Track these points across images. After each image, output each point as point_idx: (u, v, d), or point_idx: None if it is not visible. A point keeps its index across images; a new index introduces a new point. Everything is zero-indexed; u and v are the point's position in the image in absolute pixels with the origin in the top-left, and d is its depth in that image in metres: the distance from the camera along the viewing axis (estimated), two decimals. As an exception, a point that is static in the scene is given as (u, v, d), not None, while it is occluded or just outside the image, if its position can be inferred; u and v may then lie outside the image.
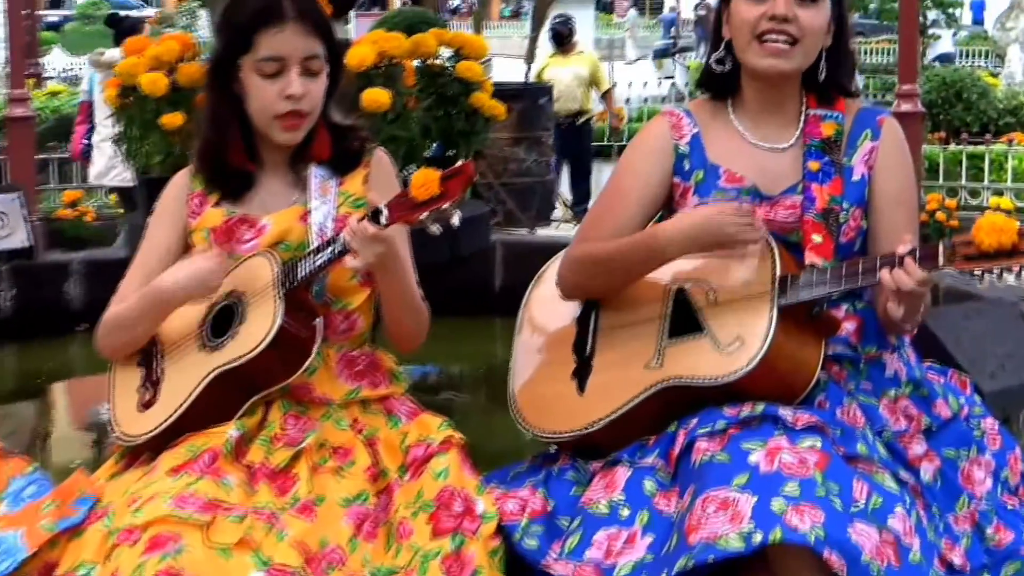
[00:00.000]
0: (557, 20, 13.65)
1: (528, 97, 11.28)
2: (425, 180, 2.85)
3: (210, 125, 3.26)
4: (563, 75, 12.91)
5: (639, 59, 33.34)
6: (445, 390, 6.26)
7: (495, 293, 7.40)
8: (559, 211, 11.64)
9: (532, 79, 13.44)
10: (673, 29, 36.38)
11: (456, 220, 2.85)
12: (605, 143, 15.38)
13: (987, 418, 3.15)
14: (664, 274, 3.07)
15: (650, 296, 3.09)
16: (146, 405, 3.12)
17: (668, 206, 3.21)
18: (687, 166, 3.17)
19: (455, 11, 41.95)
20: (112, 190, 10.70)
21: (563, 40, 13.38)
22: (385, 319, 3.20)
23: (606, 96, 13.99)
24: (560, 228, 10.54)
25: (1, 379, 7.11)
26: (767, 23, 3.05)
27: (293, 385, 3.06)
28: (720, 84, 3.21)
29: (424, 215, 2.85)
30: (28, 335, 7.37)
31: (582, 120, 13.18)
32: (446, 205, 2.84)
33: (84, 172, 11.35)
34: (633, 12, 32.19)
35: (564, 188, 13.02)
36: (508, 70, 14.65)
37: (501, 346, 7.27)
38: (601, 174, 13.80)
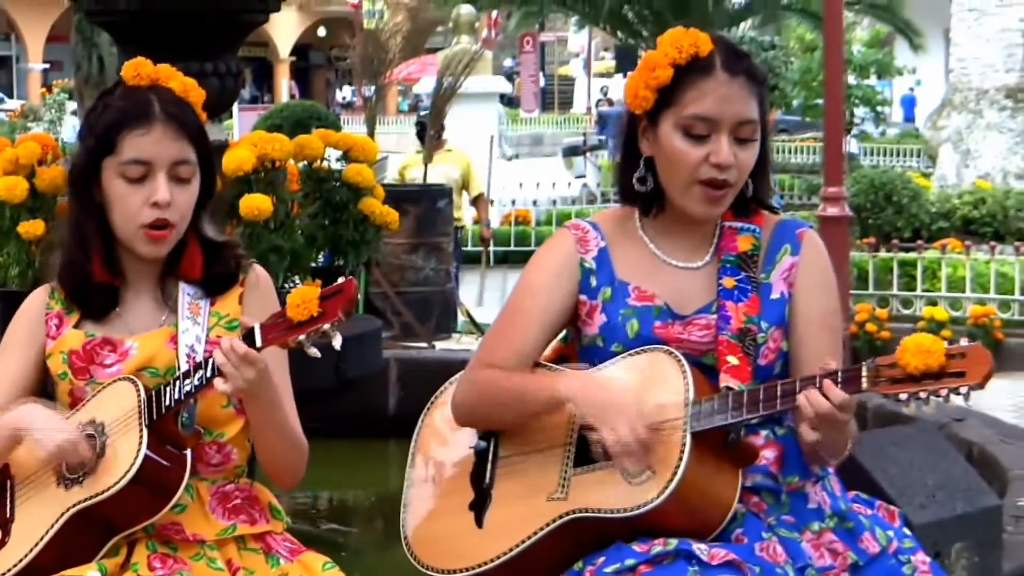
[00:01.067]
0: (423, 114, 13.44)
1: (426, 200, 11.35)
2: (302, 299, 2.85)
3: (72, 236, 3.23)
4: (432, 174, 12.52)
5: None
6: (333, 521, 6.22)
7: (389, 415, 7.38)
8: (461, 322, 11.64)
9: (393, 178, 13.31)
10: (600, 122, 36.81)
11: (337, 342, 2.84)
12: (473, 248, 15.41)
13: (917, 552, 3.15)
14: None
15: (554, 422, 3.09)
16: (-5, 547, 3.07)
17: (573, 324, 3.23)
18: (594, 283, 3.17)
19: (348, 105, 42.18)
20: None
21: (424, 138, 12.86)
22: (258, 452, 3.19)
23: (477, 202, 13.51)
24: (462, 341, 10.56)
25: None
26: (710, 171, 3.05)
27: (160, 523, 3.03)
28: (642, 201, 3.20)
29: (302, 336, 2.85)
30: None
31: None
32: (326, 326, 2.83)
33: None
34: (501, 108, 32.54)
35: (465, 297, 13.02)
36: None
37: (396, 473, 7.26)
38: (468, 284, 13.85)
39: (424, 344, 9.27)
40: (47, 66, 56.41)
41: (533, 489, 3.05)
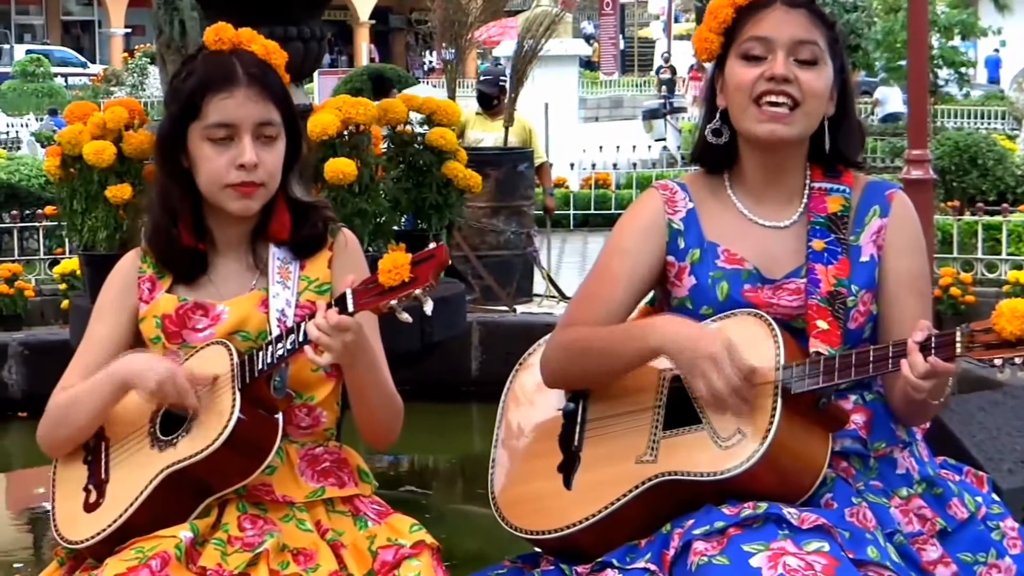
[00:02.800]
0: (482, 81, 13.21)
1: (507, 163, 11.32)
2: (394, 265, 2.84)
3: (159, 202, 3.26)
4: (486, 139, 12.41)
5: None
6: (415, 484, 6.26)
7: (471, 378, 7.41)
8: (542, 287, 11.62)
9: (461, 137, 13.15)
10: (664, 88, 36.66)
11: (428, 307, 2.84)
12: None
13: (1006, 519, 3.14)
14: (659, 361, 3.07)
15: (643, 385, 3.09)
16: (90, 507, 3.11)
17: (661, 286, 3.23)
18: (682, 244, 3.17)
19: (430, 70, 42.18)
20: (53, 263, 10.71)
21: (487, 103, 12.82)
22: (355, 414, 3.19)
23: (539, 171, 12.98)
24: (542, 305, 10.55)
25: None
26: (765, 84, 3.06)
27: (251, 485, 3.06)
28: (717, 157, 3.22)
29: (393, 302, 2.86)
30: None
31: None
32: (417, 291, 2.83)
33: (22, 244, 11.36)
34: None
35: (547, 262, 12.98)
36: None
37: (478, 436, 7.30)
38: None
39: (505, 308, 9.28)
40: (129, 31, 56.84)
41: (622, 451, 3.05)
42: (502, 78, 13.18)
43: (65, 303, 8.98)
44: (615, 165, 21.40)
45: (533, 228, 11.77)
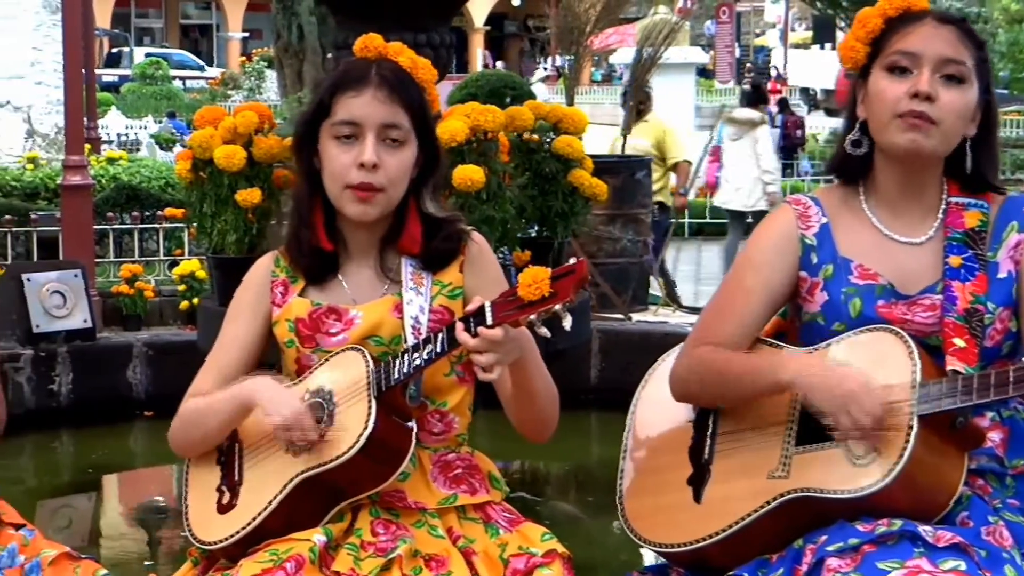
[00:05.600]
0: (629, 86, 13.29)
1: (625, 171, 11.31)
2: (534, 279, 2.84)
3: (294, 203, 3.30)
4: (637, 144, 12.58)
5: None
6: (535, 492, 6.27)
7: (590, 386, 7.42)
8: (658, 294, 11.59)
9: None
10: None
11: (568, 323, 2.82)
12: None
13: None
14: None
15: (775, 400, 3.07)
16: (224, 509, 3.15)
17: (793, 301, 3.22)
18: (815, 259, 3.16)
19: (545, 77, 42.17)
20: (173, 264, 10.84)
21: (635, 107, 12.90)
22: (518, 412, 3.18)
23: (675, 169, 13.26)
24: (658, 313, 10.53)
25: (57, 470, 7.20)
26: (908, 103, 3.04)
27: (383, 491, 3.08)
28: (854, 168, 3.20)
29: (532, 316, 2.86)
30: (87, 422, 7.45)
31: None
32: (556, 307, 2.83)
33: (142, 245, 11.51)
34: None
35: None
36: (598, 139, 14.70)
37: (595, 444, 7.30)
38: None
39: (621, 315, 9.27)
40: (246, 35, 57.46)
41: (753, 466, 3.04)
42: (647, 87, 13.17)
43: (184, 304, 9.09)
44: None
45: (650, 236, 11.75)
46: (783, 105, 28.85)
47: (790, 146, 25.71)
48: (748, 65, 43.79)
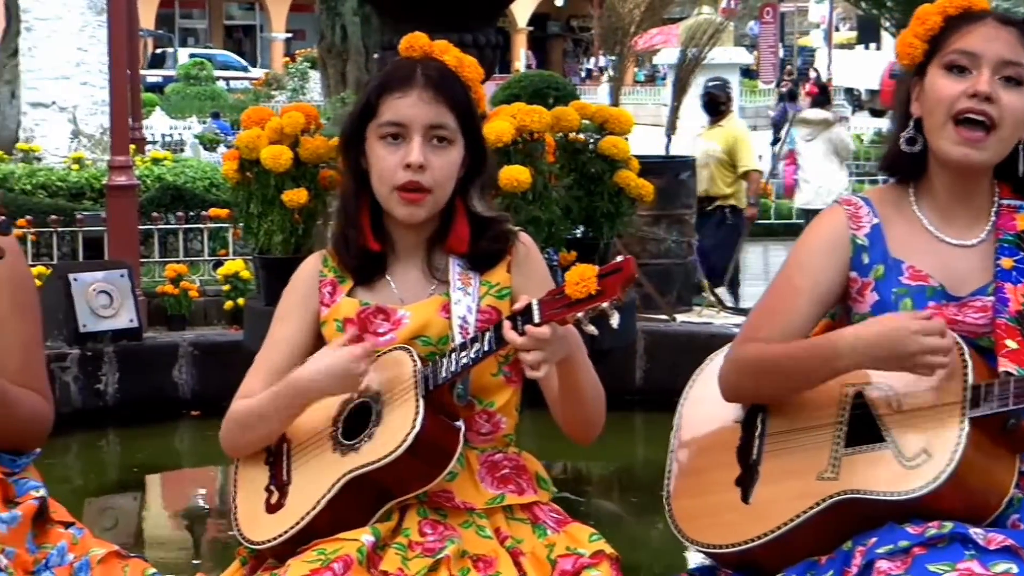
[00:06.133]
0: (710, 83, 13.04)
1: (669, 172, 11.28)
2: (581, 277, 2.84)
3: (341, 204, 3.31)
4: (698, 149, 12.39)
5: None
6: (571, 490, 6.26)
7: (636, 387, 7.42)
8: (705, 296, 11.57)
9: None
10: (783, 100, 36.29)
11: (615, 321, 2.82)
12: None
13: None
14: (841, 376, 3.05)
15: (824, 400, 3.07)
16: (272, 508, 3.15)
17: (843, 302, 3.21)
18: (866, 260, 3.15)
19: (588, 75, 42.17)
20: (217, 264, 10.88)
21: (712, 108, 12.78)
22: (564, 412, 3.18)
23: (745, 177, 12.82)
24: (703, 315, 10.50)
25: (103, 469, 7.24)
26: (966, 101, 3.02)
27: (431, 491, 3.07)
28: (907, 166, 3.19)
29: (579, 314, 2.86)
30: (133, 422, 7.49)
31: (711, 207, 12.48)
32: (604, 305, 2.83)
33: (187, 245, 11.55)
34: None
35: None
36: (642, 139, 14.70)
37: (639, 445, 7.29)
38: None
39: (665, 316, 9.26)
40: (290, 35, 57.63)
41: (802, 467, 3.03)
42: (728, 87, 13.09)
43: (228, 304, 9.13)
44: (772, 173, 21.24)
45: (694, 237, 11.73)
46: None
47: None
48: (788, 68, 43.63)
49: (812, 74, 40.74)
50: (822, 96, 15.91)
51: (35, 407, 3.24)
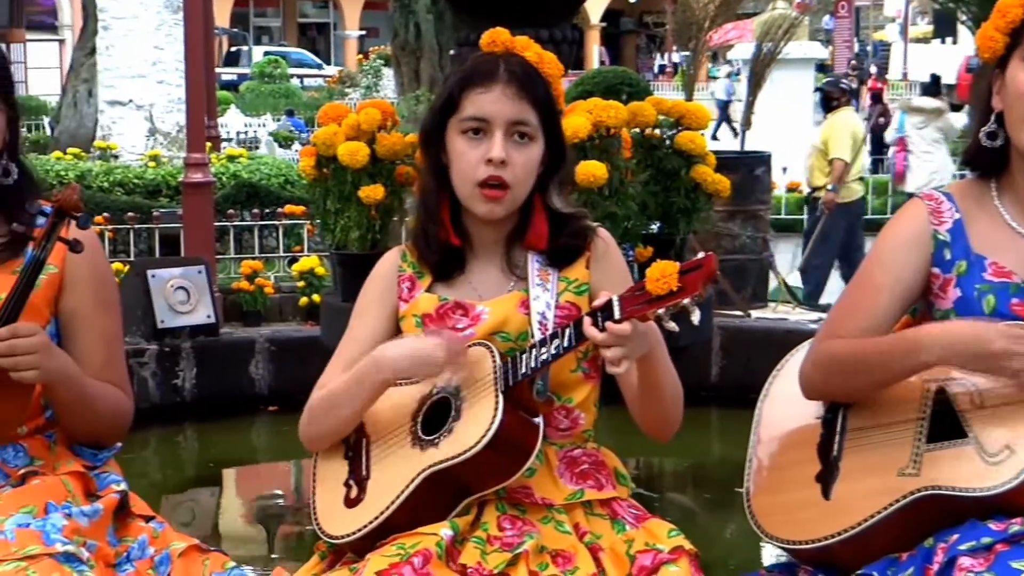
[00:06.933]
0: (827, 80, 13.57)
1: (744, 167, 11.25)
2: (662, 274, 2.84)
3: (421, 199, 3.32)
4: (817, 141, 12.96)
5: None
6: (645, 486, 6.26)
7: (711, 383, 7.40)
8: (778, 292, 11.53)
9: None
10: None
11: (696, 317, 2.82)
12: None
13: None
14: (922, 372, 3.03)
15: (906, 396, 3.05)
16: (351, 503, 3.16)
17: (924, 298, 3.19)
18: (948, 256, 3.12)
19: (661, 70, 42.03)
20: (292, 261, 10.94)
21: (826, 104, 13.28)
22: (643, 410, 3.18)
23: (831, 165, 13.19)
24: (777, 311, 10.46)
25: (181, 464, 7.29)
26: None
27: (510, 486, 3.08)
28: (989, 161, 3.16)
29: (660, 310, 2.85)
30: (210, 417, 7.54)
31: (813, 197, 12.94)
32: (685, 301, 2.82)
33: (262, 242, 11.62)
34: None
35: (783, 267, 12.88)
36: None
37: (714, 441, 7.27)
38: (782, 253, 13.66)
39: (740, 312, 9.22)
40: (363, 32, 57.82)
41: (883, 463, 3.01)
42: (843, 81, 13.29)
43: (303, 300, 9.17)
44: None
45: (769, 232, 11.69)
46: (876, 99, 29.35)
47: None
48: (852, 63, 43.26)
49: (873, 70, 40.53)
50: (933, 86, 16.28)
51: (116, 402, 3.27)
